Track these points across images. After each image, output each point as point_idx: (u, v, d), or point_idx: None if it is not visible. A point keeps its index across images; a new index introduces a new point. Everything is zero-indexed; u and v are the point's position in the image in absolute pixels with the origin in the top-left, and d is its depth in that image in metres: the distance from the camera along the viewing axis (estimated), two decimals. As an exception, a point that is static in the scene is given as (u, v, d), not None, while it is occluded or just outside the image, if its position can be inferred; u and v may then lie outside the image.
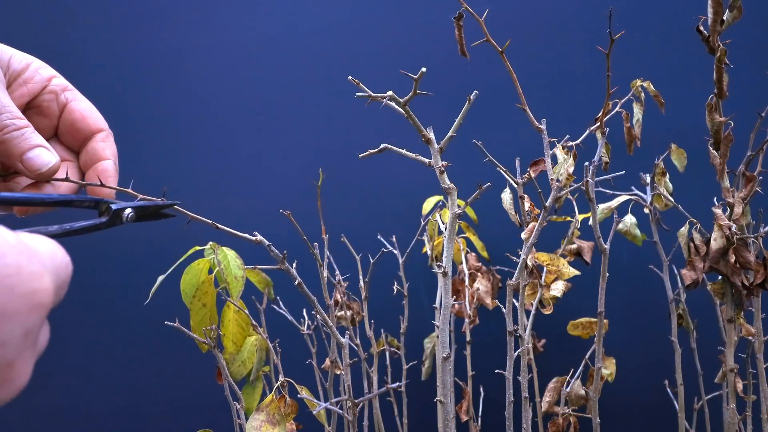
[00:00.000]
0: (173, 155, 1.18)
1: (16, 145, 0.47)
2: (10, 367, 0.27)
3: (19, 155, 0.47)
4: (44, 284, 0.28)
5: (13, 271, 0.26)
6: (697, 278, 0.80)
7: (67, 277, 0.31)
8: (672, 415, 0.93)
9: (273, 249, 0.69)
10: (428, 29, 1.18)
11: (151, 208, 0.52)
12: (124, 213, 0.50)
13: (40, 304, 0.28)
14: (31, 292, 0.27)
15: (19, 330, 0.26)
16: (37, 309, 0.27)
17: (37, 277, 0.27)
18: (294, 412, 0.73)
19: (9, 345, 0.26)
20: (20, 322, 0.26)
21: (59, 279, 0.30)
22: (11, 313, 0.26)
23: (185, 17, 1.19)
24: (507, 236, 1.02)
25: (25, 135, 0.47)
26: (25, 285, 0.26)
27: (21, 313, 0.26)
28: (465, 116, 0.68)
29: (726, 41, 0.71)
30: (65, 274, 0.31)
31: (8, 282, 0.26)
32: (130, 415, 1.20)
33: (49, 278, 0.28)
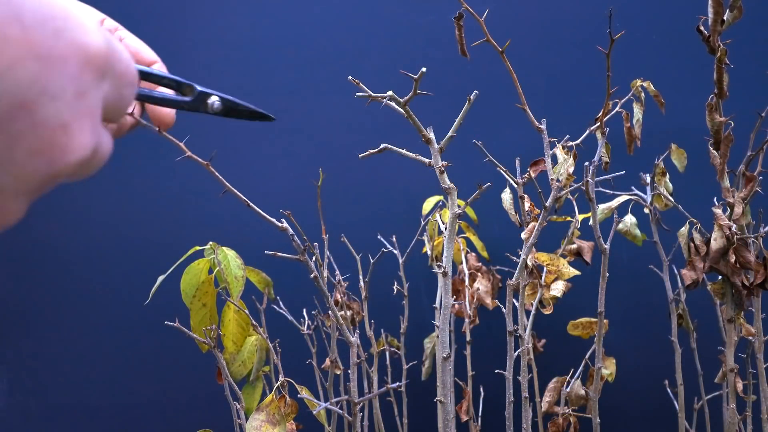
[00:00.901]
0: (173, 154, 1.18)
1: None
2: (65, 129, 0.25)
3: None
4: (96, 41, 0.25)
5: (61, 13, 0.24)
6: (697, 278, 0.80)
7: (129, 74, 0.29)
8: (672, 415, 0.93)
9: (295, 239, 0.69)
10: (428, 29, 1.18)
11: (243, 109, 0.51)
12: (210, 99, 0.48)
13: (92, 62, 0.25)
14: (81, 44, 0.25)
15: (70, 84, 0.25)
16: (88, 66, 0.25)
17: (88, 30, 0.25)
18: (294, 412, 0.73)
19: (61, 99, 0.24)
20: (71, 75, 0.24)
21: (117, 61, 0.27)
22: (59, 59, 0.24)
23: (185, 17, 1.19)
24: (507, 236, 1.03)
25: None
26: (74, 33, 0.25)
27: (70, 63, 0.24)
28: (465, 116, 0.68)
29: (726, 41, 0.71)
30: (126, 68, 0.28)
31: (54, 24, 0.24)
32: (130, 415, 1.20)
33: (103, 41, 0.26)
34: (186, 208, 1.20)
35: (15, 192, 0.25)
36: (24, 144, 0.24)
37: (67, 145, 0.25)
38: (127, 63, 0.29)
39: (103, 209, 1.21)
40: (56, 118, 0.24)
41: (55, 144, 0.25)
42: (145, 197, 1.20)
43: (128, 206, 1.20)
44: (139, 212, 1.20)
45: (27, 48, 0.23)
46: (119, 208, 1.20)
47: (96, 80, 0.26)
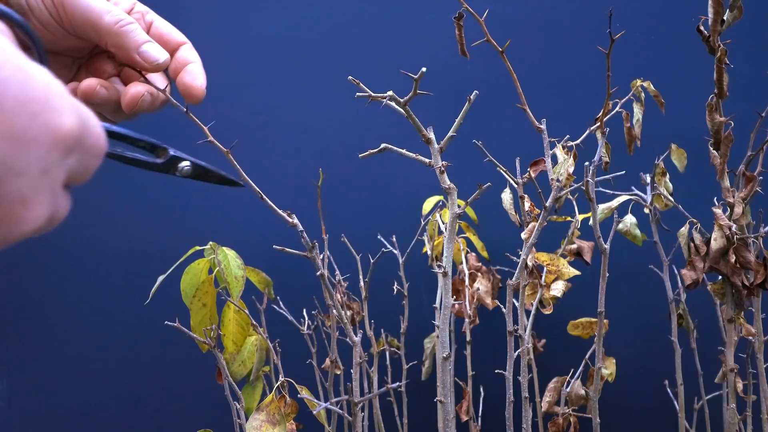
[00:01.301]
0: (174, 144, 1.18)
1: (132, 39, 0.51)
2: (24, 203, 0.26)
3: (135, 47, 0.51)
4: (68, 122, 0.27)
5: (40, 98, 0.26)
6: (697, 278, 0.80)
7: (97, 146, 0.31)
8: (672, 415, 0.93)
9: (304, 236, 0.69)
10: (428, 29, 1.18)
11: (213, 175, 0.52)
12: (181, 163, 0.50)
13: (62, 144, 0.27)
14: (53, 126, 0.27)
15: (36, 163, 0.26)
16: (57, 147, 0.27)
17: (63, 113, 0.27)
18: (294, 412, 0.73)
19: (25, 177, 0.26)
20: (38, 155, 0.26)
21: (87, 137, 0.29)
22: (30, 139, 0.26)
23: (184, 17, 1.19)
24: (507, 236, 1.03)
25: (137, 30, 0.52)
26: (48, 116, 0.26)
27: (40, 144, 0.26)
28: (465, 116, 0.68)
29: (726, 41, 0.71)
30: (95, 141, 0.30)
31: (31, 108, 0.26)
32: (131, 415, 1.20)
33: (76, 123, 0.28)
34: (186, 208, 1.20)
35: None
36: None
37: (24, 217, 0.27)
38: (97, 137, 0.31)
39: (103, 209, 1.21)
40: (17, 193, 0.26)
41: (12, 216, 0.26)
42: (145, 197, 1.20)
43: (128, 206, 1.20)
44: (139, 212, 1.20)
45: (2, 130, 0.25)
46: (119, 208, 1.20)
47: (62, 157, 0.28)
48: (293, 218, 0.68)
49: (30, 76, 0.26)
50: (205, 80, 0.55)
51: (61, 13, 0.49)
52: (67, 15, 0.50)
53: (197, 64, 0.55)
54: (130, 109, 0.53)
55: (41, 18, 0.50)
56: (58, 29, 0.51)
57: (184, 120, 0.64)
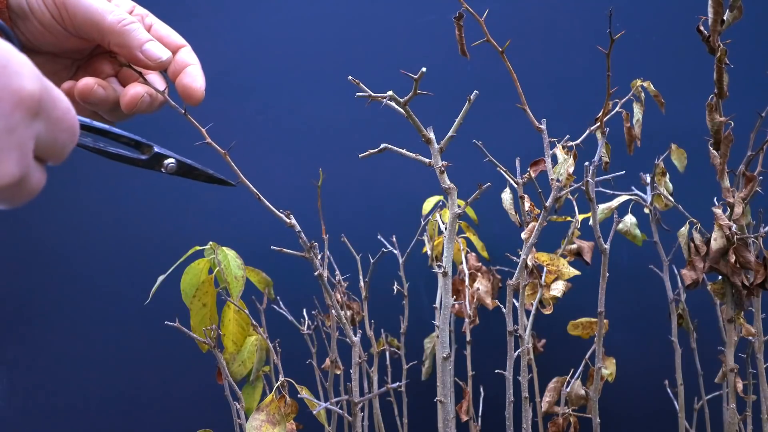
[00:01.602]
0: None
1: (134, 37, 0.52)
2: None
3: (138, 46, 0.52)
4: (30, 86, 0.29)
5: (1, 62, 0.28)
6: (697, 278, 0.80)
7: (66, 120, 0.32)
8: (672, 415, 0.93)
9: (302, 236, 0.69)
10: (428, 29, 1.18)
11: (200, 173, 0.53)
12: (166, 160, 0.51)
13: (24, 104, 0.29)
14: (15, 88, 0.28)
15: (1, 122, 0.28)
16: (20, 106, 0.29)
17: (24, 77, 0.29)
18: (294, 412, 0.73)
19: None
20: (2, 114, 0.28)
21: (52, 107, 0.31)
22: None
23: (184, 17, 1.19)
24: (507, 236, 1.03)
25: (140, 29, 0.53)
26: (9, 78, 0.28)
27: (3, 103, 0.28)
28: (465, 116, 0.68)
29: (726, 41, 0.71)
30: (63, 115, 0.32)
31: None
32: (131, 415, 1.20)
33: (38, 86, 0.29)
34: (186, 208, 1.20)
35: None
36: None
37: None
38: (65, 111, 0.32)
39: (103, 209, 1.21)
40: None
41: None
42: (145, 197, 1.20)
43: (129, 206, 1.20)
44: (140, 212, 1.20)
45: None
46: (119, 208, 1.20)
47: (26, 119, 0.29)
48: (291, 219, 0.68)
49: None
50: (204, 82, 0.55)
51: (63, 14, 0.50)
52: (69, 16, 0.50)
53: (196, 66, 0.56)
54: (130, 109, 0.54)
55: (42, 19, 0.50)
56: (59, 30, 0.51)
57: (181, 121, 0.64)
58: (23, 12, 0.50)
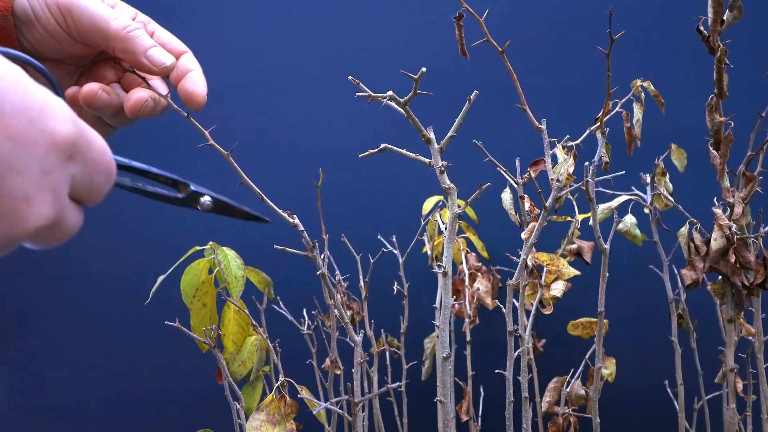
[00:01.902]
0: (173, 153, 1.18)
1: (139, 43, 0.53)
2: (27, 201, 0.29)
3: (142, 51, 0.53)
4: (65, 129, 0.30)
5: (37, 106, 0.29)
6: (697, 278, 0.80)
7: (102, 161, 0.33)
8: (672, 415, 0.93)
9: (305, 236, 0.69)
10: (428, 29, 1.18)
11: (236, 210, 0.55)
12: (202, 198, 0.52)
13: (59, 147, 0.30)
14: (51, 131, 0.29)
15: (36, 164, 0.29)
16: (55, 150, 0.29)
17: (60, 121, 0.30)
18: (294, 412, 0.73)
19: (26, 176, 0.28)
20: (37, 156, 0.29)
21: (87, 149, 0.32)
22: (29, 142, 0.28)
23: (184, 17, 1.19)
24: (507, 236, 1.03)
25: (144, 35, 0.53)
26: (45, 122, 0.29)
27: (38, 146, 0.29)
28: (465, 116, 0.68)
29: (726, 41, 0.71)
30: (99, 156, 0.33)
31: (29, 114, 0.28)
32: (131, 415, 1.20)
33: (72, 130, 0.30)
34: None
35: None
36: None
37: (27, 214, 0.29)
38: (100, 152, 0.33)
39: (103, 209, 1.20)
40: (20, 190, 0.28)
41: (15, 212, 0.28)
42: (145, 197, 1.20)
43: (128, 206, 1.20)
44: (139, 212, 1.20)
45: (2, 132, 0.27)
46: (119, 208, 1.20)
47: (62, 162, 0.30)
48: (294, 218, 0.68)
49: (28, 88, 0.29)
50: (206, 87, 0.56)
51: (68, 20, 0.51)
52: (74, 22, 0.51)
53: (198, 72, 0.57)
54: (134, 113, 0.54)
55: (47, 26, 0.50)
56: (63, 37, 0.51)
57: (184, 123, 0.64)
58: (28, 19, 0.50)
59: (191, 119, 0.62)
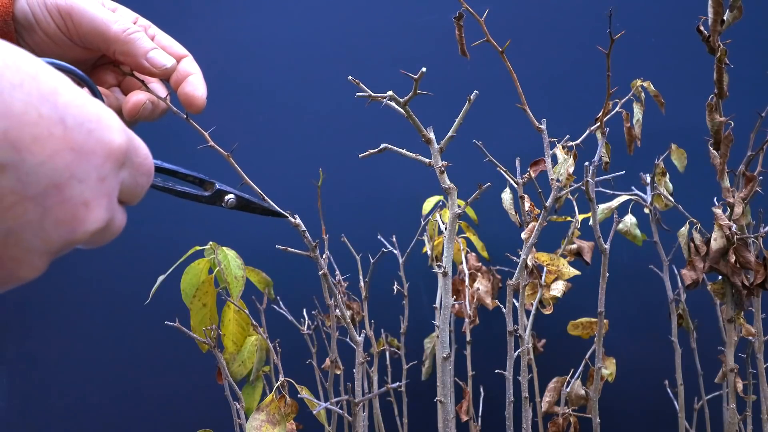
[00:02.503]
0: (173, 153, 1.18)
1: (139, 46, 0.54)
2: (86, 206, 0.31)
3: (143, 54, 0.54)
4: (119, 139, 0.32)
5: (94, 118, 0.31)
6: (697, 278, 0.80)
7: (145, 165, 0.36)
8: (672, 415, 0.93)
9: (307, 236, 0.69)
10: (428, 29, 1.18)
11: (257, 206, 0.57)
12: (226, 196, 0.55)
13: (113, 156, 0.32)
14: (107, 141, 0.31)
15: (94, 172, 0.31)
16: (111, 159, 0.32)
17: (114, 131, 0.32)
18: (294, 412, 0.73)
19: (86, 184, 0.31)
20: (95, 164, 0.31)
21: (135, 155, 0.35)
22: (88, 151, 0.30)
23: (184, 17, 1.19)
24: (507, 236, 1.02)
25: (144, 38, 0.54)
26: (102, 132, 0.31)
27: (96, 155, 0.31)
28: (465, 116, 0.68)
29: (726, 41, 0.71)
30: (144, 161, 0.36)
31: (88, 126, 0.31)
32: (131, 415, 1.20)
33: (125, 139, 0.33)
34: (186, 208, 1.20)
35: (41, 252, 0.30)
36: (53, 215, 0.30)
37: (87, 218, 0.31)
38: (145, 157, 0.36)
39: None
40: (80, 196, 0.30)
41: (77, 217, 0.31)
42: (145, 197, 1.20)
43: (128, 206, 1.20)
44: (139, 212, 1.20)
45: (65, 143, 0.29)
46: (119, 208, 1.20)
47: (115, 169, 0.33)
48: (296, 218, 0.68)
49: (86, 102, 0.31)
50: (205, 91, 0.57)
51: (69, 24, 0.51)
52: (75, 26, 0.51)
53: (198, 76, 0.58)
54: (132, 116, 0.55)
55: (47, 30, 0.50)
56: (63, 41, 0.52)
57: (184, 125, 0.64)
58: (29, 23, 0.50)
59: (191, 121, 0.62)
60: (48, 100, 0.29)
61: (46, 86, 0.29)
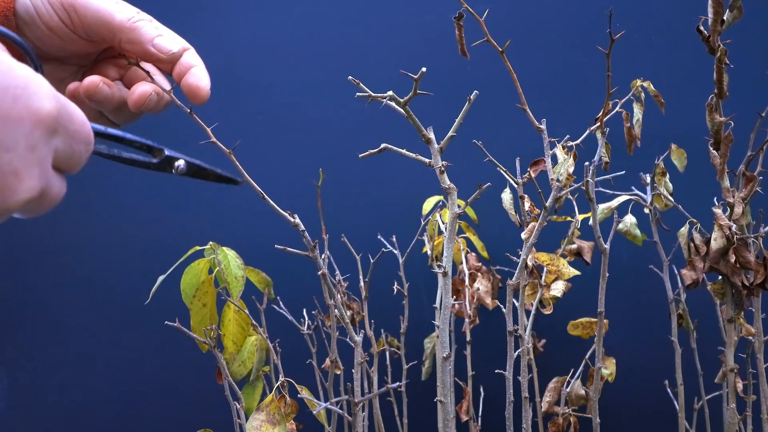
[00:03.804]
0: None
1: (145, 32, 0.53)
2: (16, 175, 0.30)
3: (149, 40, 0.53)
4: (48, 105, 0.31)
5: (21, 84, 0.30)
6: (697, 278, 0.80)
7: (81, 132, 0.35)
8: (672, 415, 0.93)
9: (306, 236, 0.69)
10: (428, 29, 1.18)
11: (209, 173, 0.55)
12: (176, 162, 0.52)
13: (43, 123, 0.31)
14: (35, 108, 0.31)
15: (23, 140, 0.30)
16: (39, 125, 0.31)
17: (42, 97, 0.31)
18: (294, 412, 0.73)
19: (14, 152, 0.30)
20: (23, 132, 0.30)
21: (69, 122, 0.34)
22: (14, 118, 0.30)
23: (185, 17, 1.19)
24: (507, 236, 1.02)
25: (149, 25, 0.54)
26: (30, 99, 0.30)
27: (24, 123, 0.30)
28: (465, 116, 0.68)
29: (726, 41, 0.71)
30: (80, 127, 0.35)
31: (14, 92, 0.30)
32: (131, 415, 1.20)
33: (54, 105, 0.32)
34: (186, 208, 1.20)
35: None
36: None
37: (17, 188, 0.31)
38: (81, 123, 0.35)
39: (103, 209, 1.21)
40: (9, 165, 0.30)
41: (7, 186, 0.30)
42: (145, 197, 1.20)
43: (128, 206, 1.20)
44: (140, 212, 1.20)
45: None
46: (119, 208, 1.20)
47: (46, 136, 0.32)
48: (295, 218, 0.68)
49: (11, 67, 0.30)
50: (209, 82, 0.56)
51: (72, 16, 0.51)
52: (79, 17, 0.51)
53: (201, 67, 0.57)
54: (138, 107, 0.54)
55: (50, 23, 0.50)
56: (66, 34, 0.51)
57: (184, 121, 0.64)
58: (31, 18, 0.50)
59: (194, 116, 0.62)
60: None
61: None
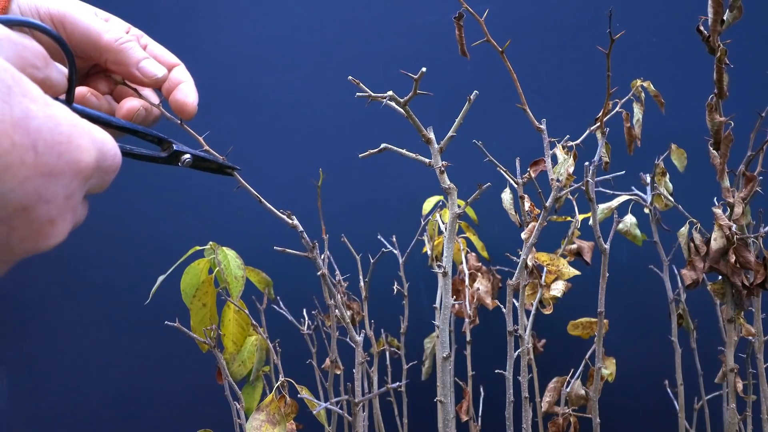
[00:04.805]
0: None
1: (131, 55, 0.54)
2: (52, 223, 0.32)
3: (134, 63, 0.55)
4: (88, 157, 0.33)
5: (65, 139, 0.31)
6: (697, 278, 0.80)
7: (113, 165, 0.37)
8: (672, 415, 0.93)
9: (305, 236, 0.69)
10: (428, 29, 1.18)
11: (211, 163, 0.59)
12: (183, 156, 0.56)
13: (82, 174, 0.33)
14: (76, 161, 0.32)
15: (62, 191, 0.32)
16: (78, 177, 0.33)
17: (84, 150, 0.33)
18: (294, 412, 0.73)
19: (53, 203, 0.31)
20: (63, 185, 0.32)
21: (104, 161, 0.35)
22: (57, 174, 0.31)
23: (185, 17, 1.19)
24: (507, 236, 1.03)
25: (136, 47, 0.55)
26: (72, 154, 0.32)
27: (65, 177, 0.32)
28: (465, 116, 0.68)
29: (726, 41, 0.71)
30: (111, 161, 0.36)
31: (59, 148, 0.31)
32: (130, 415, 1.20)
33: (94, 155, 0.33)
34: (186, 208, 1.20)
35: (2, 262, 0.32)
36: (19, 233, 0.31)
37: (51, 234, 0.32)
38: (113, 157, 0.36)
39: (103, 209, 1.21)
40: (46, 215, 0.31)
41: (42, 233, 0.32)
42: (145, 197, 1.20)
43: (128, 206, 1.20)
44: (140, 212, 1.20)
45: (36, 169, 0.30)
46: (119, 208, 1.20)
47: (82, 184, 0.34)
48: (293, 219, 0.68)
49: (58, 122, 0.31)
50: (196, 98, 0.57)
51: (62, 32, 0.52)
52: (68, 34, 0.52)
53: (189, 84, 0.58)
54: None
55: (39, 39, 0.51)
56: (56, 49, 0.52)
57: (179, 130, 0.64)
58: (22, 31, 0.50)
59: (185, 126, 0.62)
60: (20, 126, 0.29)
61: (18, 111, 0.29)
